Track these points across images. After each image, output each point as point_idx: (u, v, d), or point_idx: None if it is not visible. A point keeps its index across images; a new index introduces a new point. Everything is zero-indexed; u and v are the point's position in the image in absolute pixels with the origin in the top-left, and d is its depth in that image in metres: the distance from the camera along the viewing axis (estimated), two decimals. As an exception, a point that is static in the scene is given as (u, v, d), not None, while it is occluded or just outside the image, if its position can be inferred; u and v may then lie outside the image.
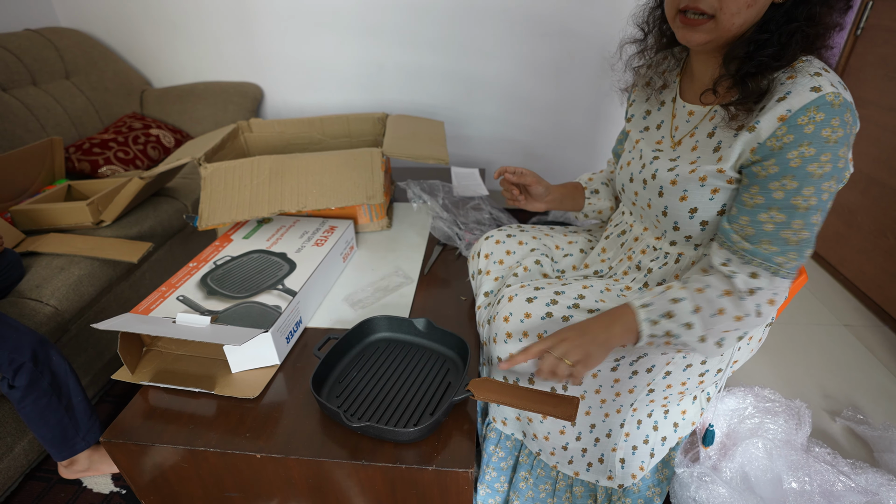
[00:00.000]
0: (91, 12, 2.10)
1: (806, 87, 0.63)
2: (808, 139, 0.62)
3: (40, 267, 1.25)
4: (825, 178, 0.63)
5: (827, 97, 0.62)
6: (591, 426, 0.90)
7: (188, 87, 2.16)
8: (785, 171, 0.64)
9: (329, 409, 0.78)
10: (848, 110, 0.63)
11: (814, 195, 0.64)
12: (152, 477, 0.85)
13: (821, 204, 0.65)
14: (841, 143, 0.62)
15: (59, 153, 1.62)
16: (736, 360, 0.90)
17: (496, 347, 0.88)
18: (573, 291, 0.88)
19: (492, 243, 1.07)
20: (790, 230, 0.66)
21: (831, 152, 0.62)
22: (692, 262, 0.82)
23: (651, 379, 0.85)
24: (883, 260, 1.69)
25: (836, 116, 0.62)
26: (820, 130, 0.62)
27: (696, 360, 0.85)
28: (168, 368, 0.92)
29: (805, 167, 0.63)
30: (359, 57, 2.14)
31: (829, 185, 0.64)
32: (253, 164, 1.24)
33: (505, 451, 0.98)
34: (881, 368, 1.49)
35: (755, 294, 0.68)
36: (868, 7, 1.77)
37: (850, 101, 0.64)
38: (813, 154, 0.62)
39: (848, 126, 0.63)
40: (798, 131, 0.63)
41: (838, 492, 1.02)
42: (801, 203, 0.64)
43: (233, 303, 0.96)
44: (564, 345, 0.72)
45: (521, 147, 2.33)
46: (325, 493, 0.81)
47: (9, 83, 1.69)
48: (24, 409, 1.01)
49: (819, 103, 0.62)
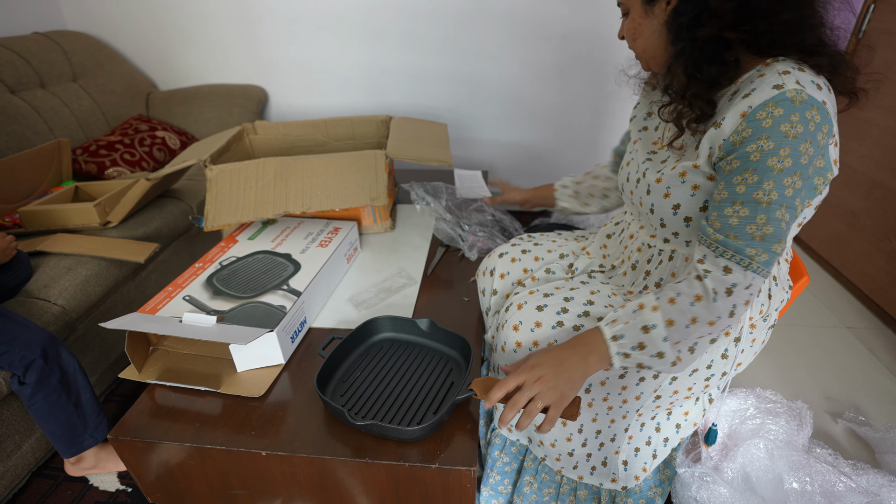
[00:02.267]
0: (98, 16, 2.13)
1: (769, 84, 0.64)
2: (767, 133, 0.63)
3: (48, 267, 1.27)
4: (786, 172, 0.63)
5: (787, 94, 0.62)
6: (598, 432, 0.91)
7: (193, 90, 2.18)
8: (746, 164, 0.65)
9: (333, 408, 0.79)
10: (813, 108, 0.62)
11: (774, 189, 0.64)
12: (158, 474, 0.86)
13: (784, 199, 0.64)
14: (801, 138, 0.62)
15: (66, 155, 1.64)
16: (740, 363, 0.90)
17: (503, 356, 0.88)
18: (582, 297, 0.88)
19: (507, 262, 1.04)
20: (754, 225, 0.65)
21: (790, 147, 0.62)
22: (685, 258, 0.82)
23: (658, 385, 0.86)
24: (885, 262, 1.70)
25: (795, 112, 0.62)
26: (778, 125, 0.62)
27: (702, 365, 0.86)
28: (174, 367, 0.93)
29: (765, 161, 0.63)
30: (362, 60, 2.16)
31: (793, 181, 0.63)
32: (258, 166, 1.25)
33: (510, 456, 0.98)
34: (883, 370, 1.50)
35: (732, 294, 0.67)
36: (870, 10, 1.78)
37: (820, 100, 0.63)
38: (772, 148, 0.62)
39: (812, 123, 0.62)
40: (756, 125, 0.63)
41: (839, 492, 1.03)
42: (763, 197, 0.64)
43: (238, 303, 0.97)
44: (538, 385, 0.69)
45: (523, 149, 2.34)
46: (329, 491, 0.81)
47: (17, 85, 1.72)
48: (33, 406, 1.02)
49: (778, 99, 0.62)
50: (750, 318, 0.85)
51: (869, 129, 1.77)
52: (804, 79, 0.64)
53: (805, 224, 1.22)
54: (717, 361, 0.86)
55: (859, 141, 1.82)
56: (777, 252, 0.66)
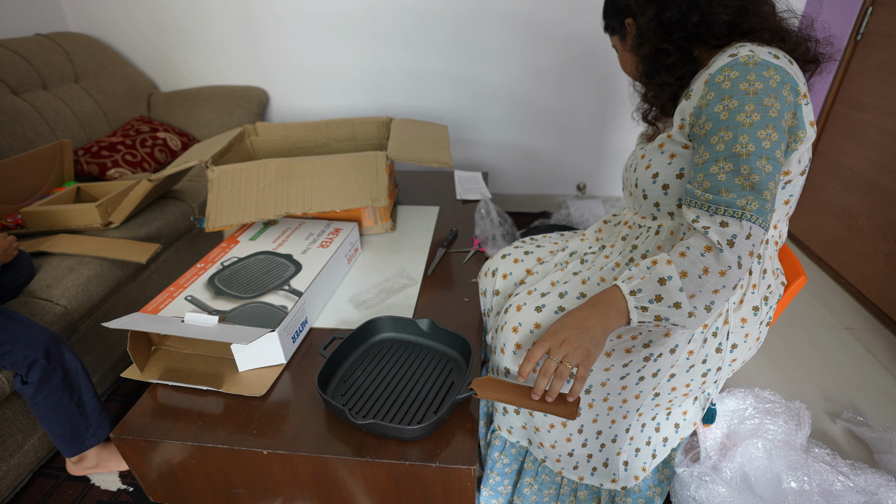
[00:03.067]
0: (100, 17, 2.14)
1: (726, 55, 0.72)
2: (728, 93, 0.69)
3: (50, 267, 1.27)
4: (757, 125, 0.67)
5: (740, 59, 0.69)
6: (598, 433, 0.91)
7: (195, 91, 2.19)
8: (718, 124, 0.69)
9: (334, 407, 0.79)
10: (770, 68, 0.67)
11: (751, 142, 0.67)
12: (160, 473, 0.86)
13: (762, 150, 0.67)
14: (763, 93, 0.67)
15: (68, 156, 1.64)
16: (735, 359, 0.91)
17: (503, 358, 0.89)
18: (574, 290, 0.90)
19: (510, 262, 1.05)
20: (741, 176, 0.68)
21: (754, 102, 0.67)
22: (671, 231, 0.84)
23: (657, 383, 0.86)
24: (884, 263, 1.70)
25: (750, 72, 0.67)
26: (737, 85, 0.68)
27: (698, 361, 0.86)
28: (176, 367, 0.93)
29: (734, 117, 0.68)
30: (363, 61, 2.17)
31: (767, 133, 0.67)
32: (259, 167, 1.26)
33: (510, 457, 0.99)
34: (881, 371, 1.50)
35: (734, 245, 0.69)
36: (868, 13, 1.78)
37: (775, 62, 0.68)
38: (737, 105, 0.68)
39: (772, 80, 0.67)
40: (717, 88, 0.70)
41: (837, 491, 1.03)
42: (742, 150, 0.68)
43: (240, 303, 0.98)
44: (564, 348, 0.72)
45: (523, 151, 2.35)
46: (330, 490, 0.82)
47: (19, 87, 1.72)
48: (36, 405, 1.03)
49: (732, 64, 0.69)
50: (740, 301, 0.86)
51: (867, 130, 1.78)
52: (759, 50, 0.70)
53: (804, 224, 1.22)
54: (712, 356, 0.87)
55: (857, 142, 1.83)
56: (766, 199, 0.69)
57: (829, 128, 2.00)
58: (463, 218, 1.52)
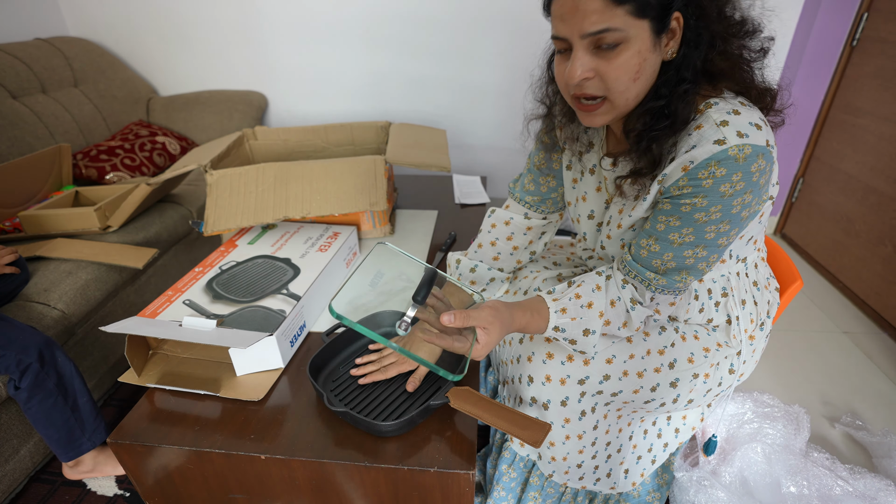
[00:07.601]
0: (99, 22, 2.14)
1: (710, 139, 0.62)
2: (704, 192, 0.63)
3: (48, 271, 1.27)
4: (709, 223, 0.66)
5: (730, 151, 0.60)
6: (607, 444, 0.91)
7: (193, 96, 2.19)
8: (675, 211, 0.67)
9: (317, 389, 0.81)
10: (759, 157, 0.61)
11: (692, 234, 0.67)
12: (158, 478, 0.86)
13: (701, 241, 0.68)
14: (740, 193, 0.63)
15: (66, 160, 1.64)
16: (742, 374, 0.92)
17: (530, 388, 0.85)
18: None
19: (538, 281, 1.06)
20: (659, 260, 0.71)
21: (723, 204, 0.63)
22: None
23: (664, 398, 0.87)
24: (881, 267, 1.71)
25: (738, 171, 0.61)
26: (718, 185, 0.62)
27: (714, 384, 0.89)
28: (174, 371, 0.93)
29: (692, 214, 0.66)
30: (362, 66, 2.18)
31: (717, 228, 0.66)
32: (258, 171, 1.26)
33: (517, 472, 0.97)
34: (880, 375, 1.50)
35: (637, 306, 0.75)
36: (863, 19, 1.80)
37: (763, 144, 0.61)
38: (704, 206, 0.64)
39: (756, 174, 0.62)
40: (697, 184, 0.63)
41: (836, 496, 1.03)
42: (677, 239, 0.68)
43: (238, 307, 0.98)
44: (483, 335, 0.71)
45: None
46: (328, 495, 0.82)
47: (19, 91, 1.72)
48: (30, 410, 1.02)
49: (720, 157, 0.61)
50: (745, 331, 0.87)
51: (864, 135, 1.79)
52: (742, 124, 0.61)
53: (801, 229, 1.22)
54: (726, 377, 0.89)
55: (854, 147, 1.84)
56: (678, 280, 0.72)
57: (825, 133, 2.01)
58: (461, 222, 1.52)
